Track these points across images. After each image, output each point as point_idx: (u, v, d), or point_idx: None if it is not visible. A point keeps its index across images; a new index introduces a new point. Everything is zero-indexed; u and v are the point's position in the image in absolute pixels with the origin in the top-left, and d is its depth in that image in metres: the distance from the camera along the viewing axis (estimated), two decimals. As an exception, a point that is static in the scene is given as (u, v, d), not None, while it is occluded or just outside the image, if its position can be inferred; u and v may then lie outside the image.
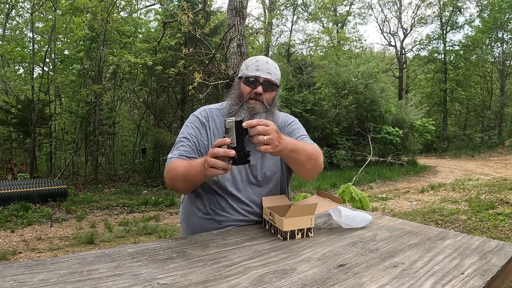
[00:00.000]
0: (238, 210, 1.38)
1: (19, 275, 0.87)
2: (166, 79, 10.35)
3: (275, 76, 1.43)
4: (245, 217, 1.39)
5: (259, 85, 1.39)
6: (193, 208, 1.44)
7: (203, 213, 1.40)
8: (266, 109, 1.41)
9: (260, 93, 1.39)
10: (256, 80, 1.39)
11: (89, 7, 9.36)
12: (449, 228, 5.09)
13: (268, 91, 1.42)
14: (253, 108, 1.39)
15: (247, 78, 1.41)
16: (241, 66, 1.50)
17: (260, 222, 1.40)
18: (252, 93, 1.40)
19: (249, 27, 11.91)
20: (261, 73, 1.39)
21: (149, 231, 5.42)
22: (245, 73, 1.42)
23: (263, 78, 1.40)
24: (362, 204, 2.57)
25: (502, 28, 20.53)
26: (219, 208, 1.38)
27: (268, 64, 1.42)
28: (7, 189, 6.90)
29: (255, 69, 1.40)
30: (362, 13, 26.83)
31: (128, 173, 11.18)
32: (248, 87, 1.40)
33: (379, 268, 0.95)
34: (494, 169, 12.31)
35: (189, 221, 1.46)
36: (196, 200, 1.43)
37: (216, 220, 1.38)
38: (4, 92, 11.97)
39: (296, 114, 13.78)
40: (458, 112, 23.40)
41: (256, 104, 1.39)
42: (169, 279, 0.87)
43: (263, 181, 1.43)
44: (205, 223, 1.39)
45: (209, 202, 1.40)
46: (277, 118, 1.49)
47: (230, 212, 1.38)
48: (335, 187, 9.17)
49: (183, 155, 1.37)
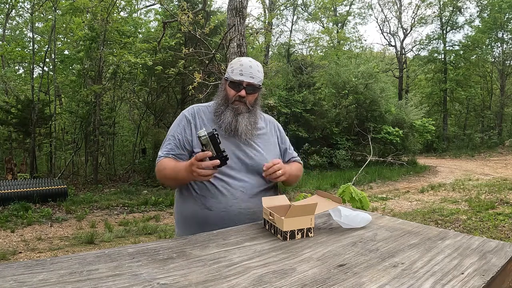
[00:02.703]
0: (226, 194, 1.48)
1: (19, 275, 0.87)
2: (166, 79, 10.36)
3: (257, 79, 1.57)
4: (234, 204, 1.48)
5: (243, 89, 1.54)
6: (184, 196, 1.56)
7: (194, 199, 1.51)
8: (249, 109, 1.58)
9: (244, 96, 1.55)
10: (240, 84, 1.54)
11: (89, 7, 9.36)
12: (449, 228, 5.09)
13: (251, 93, 1.57)
14: (237, 109, 1.56)
15: (232, 81, 1.55)
16: (227, 67, 1.65)
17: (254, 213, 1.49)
18: (236, 96, 1.56)
19: (249, 27, 11.91)
20: (245, 78, 1.53)
21: (149, 231, 5.42)
22: (230, 76, 1.56)
23: (246, 82, 1.54)
24: (362, 204, 2.56)
25: (502, 28, 20.52)
26: (209, 194, 1.49)
27: (251, 68, 1.55)
28: (7, 189, 6.90)
29: (239, 73, 1.53)
30: (362, 13, 26.89)
31: (128, 173, 11.18)
32: (233, 90, 1.56)
33: (379, 268, 0.95)
34: (494, 169, 12.31)
35: (181, 210, 1.58)
36: (187, 188, 1.54)
37: (207, 206, 1.48)
38: (4, 92, 11.97)
39: (296, 114, 13.80)
40: (458, 112, 23.40)
41: (240, 105, 1.56)
42: (169, 279, 0.87)
43: (255, 171, 1.56)
44: (196, 209, 1.50)
45: (199, 188, 1.51)
46: (260, 116, 1.67)
47: (220, 199, 1.48)
48: (335, 187, 9.17)
49: (169, 152, 1.55)
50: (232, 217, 1.46)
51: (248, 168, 1.55)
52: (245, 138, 1.57)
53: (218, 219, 1.45)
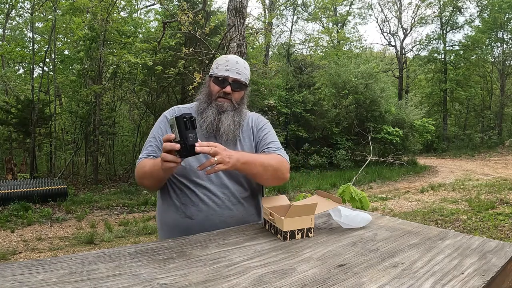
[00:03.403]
0: (207, 202, 1.39)
1: (19, 275, 0.87)
2: (166, 79, 10.35)
3: (244, 76, 1.47)
4: (216, 213, 1.40)
5: (228, 85, 1.43)
6: (165, 204, 1.47)
7: (175, 207, 1.43)
8: (234, 107, 1.46)
9: (229, 92, 1.44)
10: (225, 79, 1.43)
11: (89, 7, 9.35)
12: (449, 228, 5.09)
13: (237, 90, 1.46)
14: (221, 106, 1.44)
15: (216, 77, 1.45)
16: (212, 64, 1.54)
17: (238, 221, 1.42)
18: (221, 92, 1.44)
19: (249, 27, 11.90)
20: (231, 73, 1.43)
21: (149, 231, 5.42)
22: (215, 72, 1.46)
23: (232, 78, 1.44)
24: (362, 204, 2.57)
25: (502, 28, 20.52)
26: (189, 202, 1.40)
27: (238, 64, 1.45)
28: (7, 189, 6.90)
29: (224, 69, 1.44)
30: (362, 13, 26.92)
31: (128, 173, 11.17)
32: (217, 86, 1.45)
33: (379, 268, 0.95)
34: (494, 169, 12.31)
35: (163, 218, 1.48)
36: (168, 197, 1.46)
37: (187, 215, 1.40)
38: (4, 92, 11.97)
39: (296, 114, 13.80)
40: (458, 112, 23.41)
41: (225, 103, 1.44)
42: (169, 279, 0.87)
43: (238, 176, 1.45)
44: (177, 218, 1.41)
45: (180, 195, 1.42)
46: (245, 117, 1.54)
47: (201, 207, 1.39)
48: (335, 187, 9.17)
49: (150, 154, 1.44)
50: (214, 226, 1.37)
51: (230, 173, 1.42)
52: (226, 139, 1.44)
53: (200, 228, 1.35)
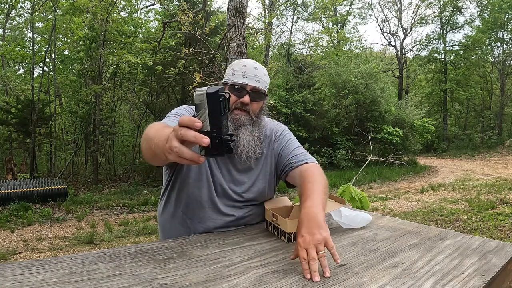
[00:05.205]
0: (216, 220, 1.30)
1: (19, 275, 0.87)
2: (166, 79, 10.35)
3: (264, 84, 1.28)
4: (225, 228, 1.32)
5: (246, 94, 1.24)
6: (168, 215, 1.37)
7: (181, 220, 1.33)
8: (253, 120, 1.28)
9: (247, 103, 1.25)
10: (243, 88, 1.25)
11: (89, 7, 9.35)
12: (449, 228, 5.09)
13: (256, 100, 1.27)
14: (238, 120, 1.25)
15: (232, 85, 1.25)
16: (226, 69, 1.35)
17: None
18: (238, 103, 1.25)
19: (249, 27, 11.90)
20: (249, 81, 1.25)
21: (149, 231, 5.42)
22: (231, 79, 1.26)
23: (251, 87, 1.25)
24: (362, 204, 2.57)
25: (502, 28, 20.52)
26: (196, 217, 1.30)
27: (256, 70, 1.27)
28: (7, 189, 6.90)
29: (242, 76, 1.25)
30: (362, 13, 26.93)
31: (128, 173, 11.17)
32: (234, 95, 1.24)
33: (379, 268, 0.95)
34: (494, 169, 12.31)
35: (166, 229, 1.40)
36: (173, 206, 1.35)
37: (193, 230, 1.32)
38: (4, 92, 11.97)
39: (296, 114, 13.79)
40: (458, 112, 23.41)
41: (242, 115, 1.26)
42: (169, 279, 0.87)
43: (247, 201, 1.35)
44: (182, 233, 1.32)
45: (187, 210, 1.31)
46: (264, 128, 1.38)
47: (207, 225, 1.30)
48: (335, 187, 9.16)
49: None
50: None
51: (243, 197, 1.32)
52: (246, 157, 1.27)
53: None
